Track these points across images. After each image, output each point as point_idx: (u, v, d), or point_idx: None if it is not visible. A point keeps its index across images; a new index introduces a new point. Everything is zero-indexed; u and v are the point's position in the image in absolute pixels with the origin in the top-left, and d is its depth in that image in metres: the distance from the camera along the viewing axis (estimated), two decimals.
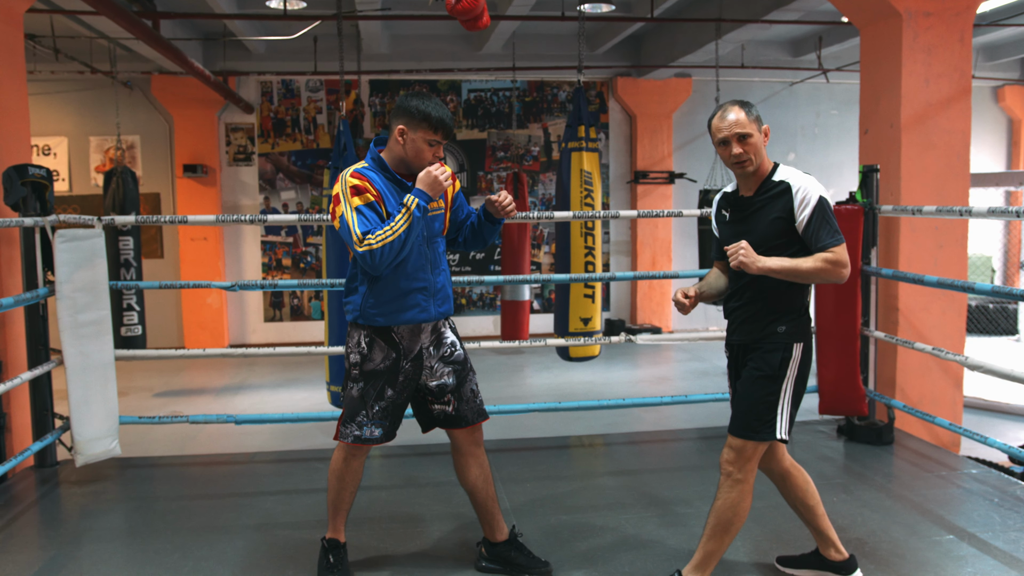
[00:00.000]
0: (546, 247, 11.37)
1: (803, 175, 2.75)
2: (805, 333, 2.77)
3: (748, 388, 2.76)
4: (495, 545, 3.13)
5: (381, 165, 2.88)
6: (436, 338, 3.01)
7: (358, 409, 2.93)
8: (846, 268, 2.68)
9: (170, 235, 10.73)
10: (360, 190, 2.78)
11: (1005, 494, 3.83)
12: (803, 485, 2.94)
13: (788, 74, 11.19)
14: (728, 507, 2.72)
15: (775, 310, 2.76)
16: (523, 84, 11.14)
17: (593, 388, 8.19)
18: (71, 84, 10.24)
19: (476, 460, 3.09)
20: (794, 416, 2.78)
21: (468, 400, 3.06)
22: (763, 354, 2.75)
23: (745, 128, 2.72)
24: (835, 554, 2.95)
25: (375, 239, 2.70)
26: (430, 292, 2.93)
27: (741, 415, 2.76)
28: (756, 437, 2.71)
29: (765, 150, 2.79)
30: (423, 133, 2.81)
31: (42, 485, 4.21)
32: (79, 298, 4.12)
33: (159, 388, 8.63)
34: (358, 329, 2.94)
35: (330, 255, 5.40)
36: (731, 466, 2.73)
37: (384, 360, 2.91)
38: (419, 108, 2.79)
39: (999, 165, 12.32)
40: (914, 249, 5.01)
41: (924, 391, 5.07)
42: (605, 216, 4.86)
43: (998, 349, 9.72)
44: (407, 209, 2.74)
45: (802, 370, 2.75)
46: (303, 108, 10.82)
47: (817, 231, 2.68)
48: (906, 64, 4.99)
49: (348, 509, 3.08)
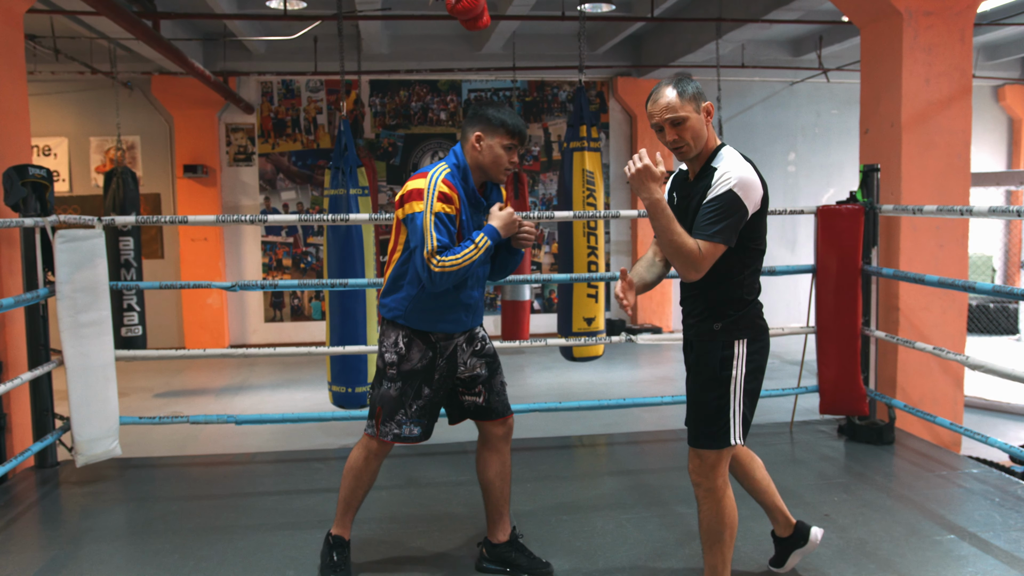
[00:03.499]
0: (546, 247, 11.37)
1: (737, 163, 2.50)
2: (748, 328, 2.57)
3: (695, 394, 2.65)
4: (496, 546, 3.14)
5: (464, 175, 2.90)
6: (469, 335, 3.06)
7: (397, 408, 2.94)
8: (696, 271, 2.46)
9: (170, 235, 10.73)
10: (447, 199, 2.80)
11: (1006, 494, 3.82)
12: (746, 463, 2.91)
13: (788, 74, 11.19)
14: (711, 518, 2.62)
15: (710, 305, 2.59)
16: (523, 84, 11.14)
17: (593, 388, 8.19)
18: (71, 84, 10.25)
19: (500, 457, 3.12)
20: (749, 415, 2.60)
21: (498, 392, 3.11)
22: (703, 355, 2.62)
23: (678, 112, 2.49)
24: (785, 528, 2.96)
25: (447, 262, 2.74)
26: (473, 309, 3.00)
27: (693, 424, 2.64)
28: (712, 445, 2.57)
29: (709, 128, 2.56)
30: (500, 139, 2.87)
31: (42, 485, 4.21)
32: (79, 298, 4.12)
33: (159, 388, 8.63)
34: (396, 329, 2.95)
35: (331, 255, 5.40)
36: (698, 476, 2.62)
37: (422, 360, 2.94)
38: (495, 115, 2.87)
39: (1000, 164, 12.32)
40: (915, 248, 5.01)
41: (925, 391, 5.07)
42: (605, 216, 4.86)
43: (999, 349, 9.72)
44: (477, 248, 2.79)
45: (752, 366, 2.57)
46: (303, 108, 10.82)
47: (704, 216, 2.46)
48: (906, 63, 4.98)
49: (358, 508, 3.10)
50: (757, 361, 2.61)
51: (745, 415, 2.59)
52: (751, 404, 2.62)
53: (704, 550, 2.69)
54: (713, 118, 2.59)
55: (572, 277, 5.22)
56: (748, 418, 2.61)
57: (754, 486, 2.95)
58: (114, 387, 4.33)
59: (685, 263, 2.47)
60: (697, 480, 2.63)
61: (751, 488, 2.95)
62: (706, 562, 2.68)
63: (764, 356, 2.64)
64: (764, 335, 2.65)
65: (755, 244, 2.58)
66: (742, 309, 2.58)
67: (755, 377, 2.61)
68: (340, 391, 5.51)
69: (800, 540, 2.98)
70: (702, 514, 2.64)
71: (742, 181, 2.47)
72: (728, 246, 2.47)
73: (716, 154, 2.57)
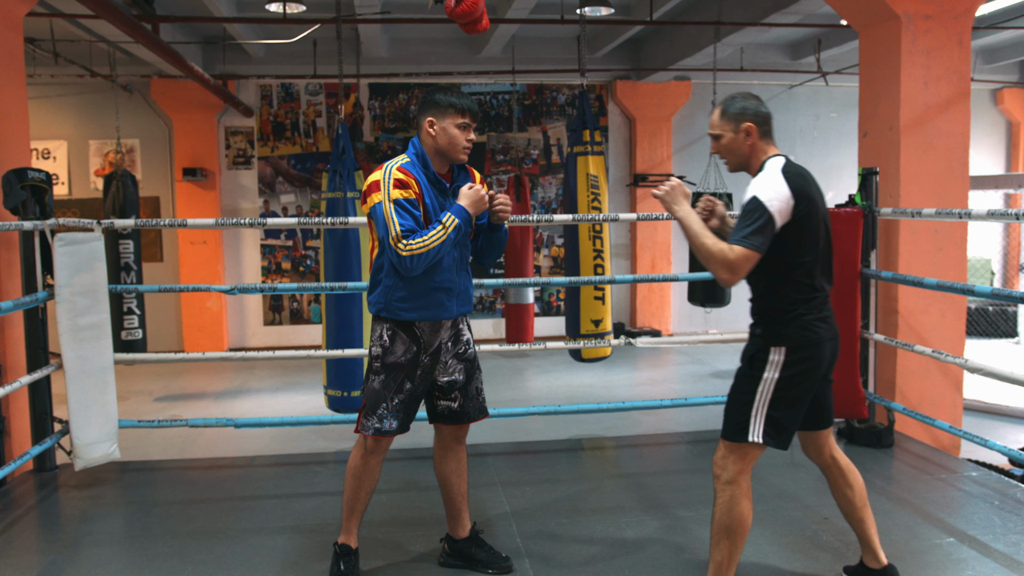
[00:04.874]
0: (545, 250, 11.37)
1: (769, 176, 2.63)
2: (790, 337, 2.65)
3: (732, 386, 2.77)
4: (457, 542, 3.19)
5: (423, 162, 2.92)
6: (455, 334, 3.05)
7: (379, 401, 2.95)
8: (729, 273, 2.57)
9: (170, 239, 10.73)
10: (403, 184, 2.82)
11: (1005, 497, 3.82)
12: (843, 485, 2.89)
13: (787, 77, 11.20)
14: (722, 511, 2.67)
15: (758, 310, 2.74)
16: (522, 87, 11.15)
17: (593, 391, 8.18)
18: (71, 88, 10.25)
19: (455, 455, 3.15)
20: (782, 421, 2.65)
21: (473, 398, 3.10)
22: (744, 353, 2.76)
23: (714, 129, 2.77)
24: (871, 560, 2.91)
25: (414, 245, 2.75)
26: (455, 293, 2.97)
27: (724, 414, 2.76)
28: (731, 438, 2.69)
29: (752, 147, 2.73)
30: (452, 119, 2.87)
31: (41, 489, 4.20)
32: (78, 302, 4.12)
33: (159, 392, 8.63)
34: (381, 323, 2.97)
35: (328, 258, 5.40)
36: (717, 467, 2.72)
37: (405, 353, 2.94)
38: (443, 97, 2.88)
39: (998, 168, 12.33)
40: (913, 252, 5.01)
41: (924, 394, 5.07)
42: (604, 219, 4.87)
43: (998, 352, 9.72)
44: (444, 228, 2.80)
45: (790, 376, 2.64)
46: (302, 111, 10.83)
47: (736, 224, 2.63)
48: (905, 67, 4.99)
49: (362, 512, 3.08)
50: (797, 371, 2.65)
51: (774, 418, 2.65)
52: (788, 411, 2.67)
53: (711, 545, 2.72)
54: None
55: (570, 280, 5.22)
56: (781, 423, 2.66)
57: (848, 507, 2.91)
58: (113, 391, 4.33)
59: (716, 266, 2.59)
60: (717, 471, 2.72)
61: (844, 509, 2.93)
62: (711, 557, 2.72)
63: (809, 366, 2.67)
64: (813, 347, 2.68)
65: (790, 256, 2.64)
66: (782, 318, 2.67)
67: (794, 385, 2.66)
68: (336, 395, 5.49)
69: None
70: (716, 507, 2.70)
71: (767, 190, 2.58)
72: (758, 253, 2.56)
73: (763, 166, 2.71)
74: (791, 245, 2.62)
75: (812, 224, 2.65)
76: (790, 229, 2.60)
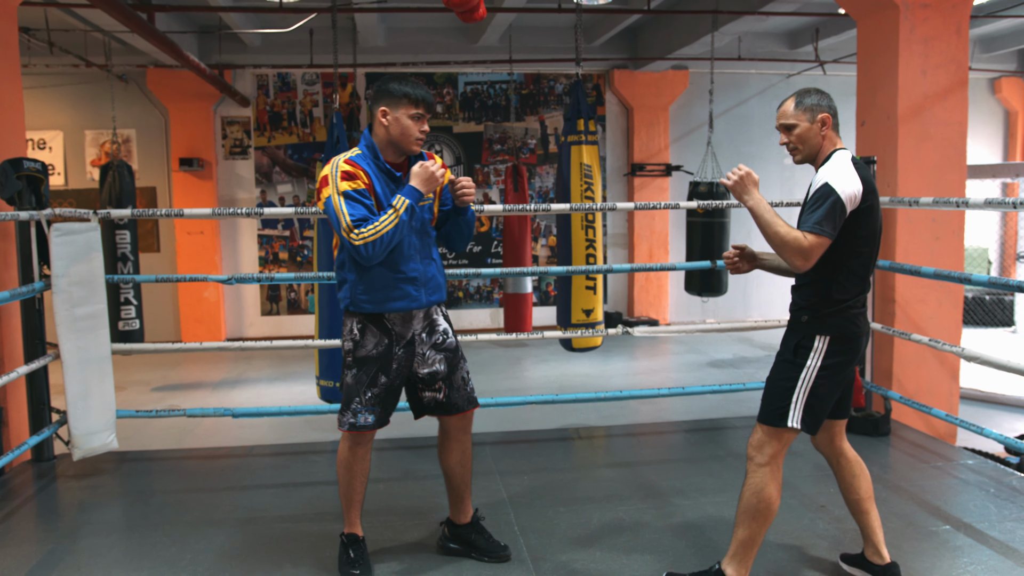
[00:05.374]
0: (543, 240, 11.37)
1: (838, 164, 2.70)
2: (836, 327, 2.69)
3: (772, 372, 2.80)
4: (458, 527, 3.20)
5: (373, 153, 2.90)
6: (429, 325, 3.03)
7: (352, 396, 2.94)
8: (803, 259, 2.61)
9: (166, 229, 10.70)
10: (351, 175, 2.80)
11: (1001, 484, 3.84)
12: (849, 476, 2.91)
13: (785, 66, 11.18)
14: (751, 492, 2.71)
15: (803, 298, 2.76)
16: (520, 77, 11.11)
17: (590, 380, 8.20)
18: (66, 78, 10.20)
19: (460, 445, 3.14)
20: (818, 408, 2.71)
21: (459, 388, 3.08)
22: (787, 339, 2.79)
23: (788, 119, 2.79)
24: (873, 555, 2.91)
25: (366, 232, 2.73)
26: (420, 282, 2.95)
27: (763, 399, 2.79)
28: (769, 422, 2.73)
29: (825, 137, 2.78)
30: (405, 109, 2.85)
31: (39, 479, 4.21)
32: (75, 292, 4.11)
33: (156, 382, 8.63)
34: (350, 317, 2.96)
35: (321, 248, 5.39)
36: (753, 450, 2.75)
37: (376, 346, 2.92)
38: (397, 87, 2.85)
39: (995, 157, 12.32)
40: (911, 241, 5.02)
41: (921, 382, 5.08)
42: (602, 208, 4.86)
43: (994, 340, 9.74)
44: (395, 211, 2.77)
45: (831, 364, 2.69)
46: (299, 101, 10.79)
47: (804, 211, 2.68)
48: (903, 56, 4.98)
49: (361, 501, 3.08)
50: (838, 361, 2.71)
51: (812, 405, 2.70)
52: (825, 399, 2.73)
53: (736, 524, 2.76)
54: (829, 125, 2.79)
55: (568, 270, 5.22)
56: (817, 409, 2.72)
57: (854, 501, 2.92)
58: (111, 381, 4.33)
59: (791, 252, 2.62)
60: (751, 453, 2.75)
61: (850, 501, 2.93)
62: (735, 536, 2.75)
63: (848, 358, 2.73)
64: (855, 340, 2.74)
65: (851, 245, 2.69)
66: (832, 307, 2.71)
67: (833, 375, 2.71)
68: (328, 386, 5.48)
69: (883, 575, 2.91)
70: (745, 488, 2.74)
71: (839, 178, 2.64)
72: (830, 239, 2.61)
73: (830, 157, 2.76)
74: (854, 235, 2.68)
75: (874, 217, 2.72)
76: (856, 219, 2.66)
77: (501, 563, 3.13)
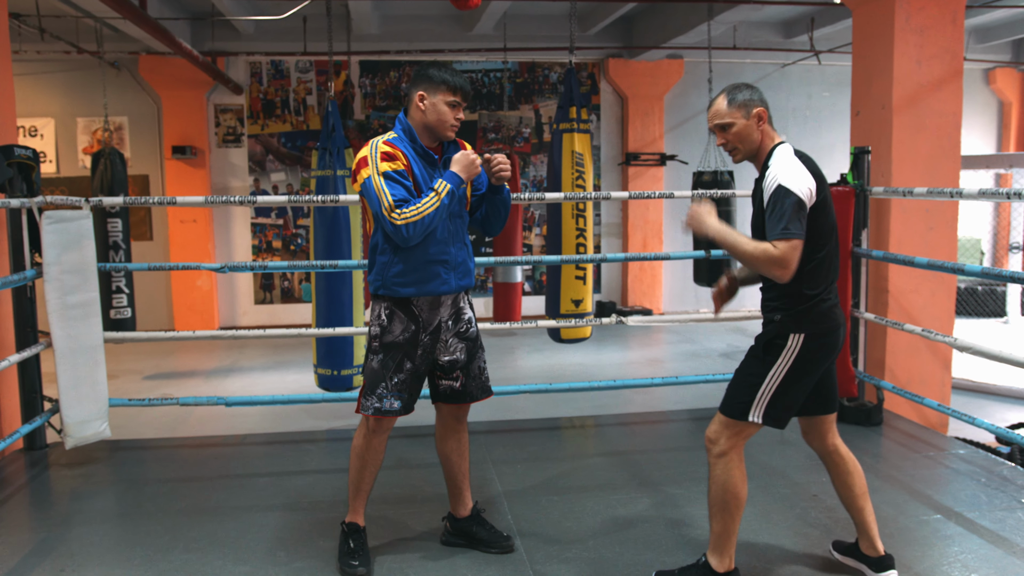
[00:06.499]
0: (537, 229, 11.35)
1: (786, 159, 2.64)
2: (810, 324, 2.65)
3: (741, 365, 2.79)
4: (459, 520, 3.20)
5: (411, 136, 2.91)
6: (455, 312, 3.04)
7: (378, 381, 2.94)
8: (781, 269, 2.54)
9: (159, 217, 10.66)
10: (391, 156, 2.82)
11: (992, 474, 3.86)
12: (843, 474, 2.89)
13: (780, 56, 11.16)
14: (716, 486, 2.71)
15: (774, 297, 2.71)
16: (514, 65, 11.08)
17: (584, 370, 8.20)
18: (57, 64, 10.13)
19: (456, 435, 3.16)
20: (785, 405, 2.68)
21: (475, 377, 3.10)
22: (759, 336, 2.76)
23: (724, 118, 2.71)
24: (868, 548, 2.91)
25: (408, 213, 2.74)
26: (451, 266, 2.96)
27: (728, 390, 2.77)
28: (728, 413, 2.71)
29: (763, 132, 2.72)
30: (443, 96, 2.87)
31: (31, 468, 4.20)
32: (67, 280, 4.09)
33: (149, 371, 8.61)
34: (379, 301, 2.97)
35: (318, 237, 5.37)
36: (710, 440, 2.74)
37: (403, 332, 2.93)
38: (436, 73, 2.88)
39: (989, 148, 12.34)
40: (904, 231, 5.02)
41: (913, 372, 5.09)
42: (596, 197, 4.85)
43: (986, 331, 9.77)
44: (437, 194, 2.79)
45: (805, 362, 2.65)
46: (293, 89, 10.74)
47: (768, 221, 2.59)
48: (898, 45, 4.97)
49: (368, 491, 3.09)
50: (813, 357, 2.67)
51: (778, 402, 2.67)
52: (793, 395, 2.70)
53: (710, 517, 2.76)
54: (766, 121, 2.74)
55: (561, 259, 5.22)
56: (784, 406, 2.69)
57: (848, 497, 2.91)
58: (103, 369, 4.31)
59: (766, 266, 2.57)
60: (709, 443, 2.74)
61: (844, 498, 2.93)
62: (711, 529, 2.76)
63: (824, 352, 2.69)
64: (831, 334, 2.69)
65: (814, 239, 2.64)
66: (804, 303, 2.67)
67: (805, 371, 2.68)
68: (326, 373, 5.49)
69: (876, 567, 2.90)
70: (710, 480, 2.73)
71: (791, 177, 2.58)
72: (800, 239, 2.55)
73: (772, 153, 2.70)
74: (815, 230, 2.63)
75: (829, 208, 2.68)
76: (813, 214, 2.62)
77: (505, 554, 3.12)
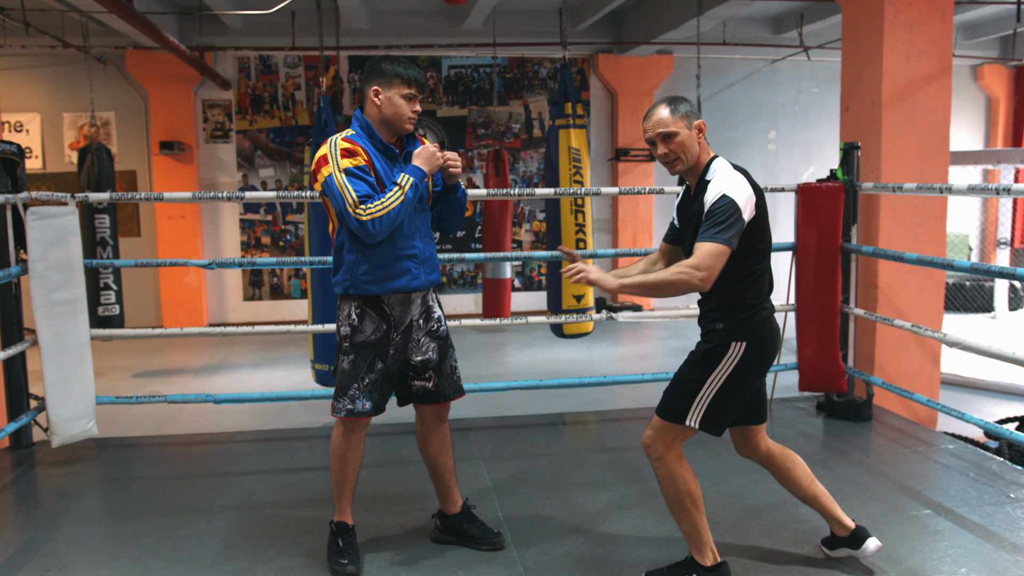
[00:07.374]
0: (527, 224, 11.34)
1: (728, 174, 2.63)
2: (751, 332, 2.67)
3: (679, 369, 2.79)
4: (449, 517, 3.19)
5: (369, 132, 2.89)
6: (425, 311, 3.02)
7: (350, 382, 2.92)
8: (700, 272, 2.51)
9: (147, 213, 10.59)
10: (351, 152, 2.80)
11: (981, 469, 3.87)
12: (785, 471, 2.91)
13: (769, 51, 11.17)
14: (666, 486, 2.72)
15: (717, 307, 2.71)
16: (504, 60, 11.05)
17: (574, 366, 8.20)
18: (43, 59, 10.04)
19: (438, 434, 3.14)
20: (724, 411, 2.68)
21: (447, 376, 3.08)
22: (700, 344, 2.76)
23: (668, 127, 2.66)
24: (840, 529, 2.93)
25: (373, 208, 2.73)
26: (420, 260, 2.94)
27: (665, 393, 2.77)
28: (665, 416, 2.71)
29: (701, 145, 2.70)
30: (397, 89, 2.85)
31: (17, 466, 4.16)
32: (53, 277, 4.06)
33: (137, 368, 8.56)
34: (348, 301, 2.94)
35: (312, 233, 5.34)
36: (646, 444, 2.75)
37: (375, 332, 2.91)
38: (390, 67, 2.86)
39: (977, 144, 12.39)
40: (894, 227, 5.03)
41: (902, 368, 5.11)
42: (586, 193, 4.84)
43: (975, 326, 9.83)
44: (401, 188, 2.78)
45: (744, 370, 2.65)
46: (281, 84, 10.68)
47: (705, 223, 2.57)
48: (887, 41, 4.98)
49: (353, 489, 3.06)
50: (753, 365, 2.68)
51: (716, 409, 2.67)
52: (733, 403, 2.70)
53: (675, 519, 2.77)
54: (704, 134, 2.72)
55: (551, 255, 5.20)
56: (722, 412, 2.69)
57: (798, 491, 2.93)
58: (90, 367, 4.28)
59: (689, 288, 2.56)
60: (646, 448, 2.76)
61: (795, 493, 2.94)
62: (681, 529, 2.77)
63: (762, 361, 2.71)
64: (770, 342, 2.72)
65: (754, 250, 2.67)
66: (745, 313, 2.68)
67: (747, 379, 2.69)
68: (322, 369, 5.47)
69: (854, 543, 2.93)
70: (660, 484, 2.75)
71: (733, 187, 2.59)
72: (731, 248, 2.56)
73: (709, 167, 2.70)
74: (754, 240, 2.66)
75: (766, 220, 2.71)
76: (753, 225, 2.63)
77: (495, 550, 3.11)
